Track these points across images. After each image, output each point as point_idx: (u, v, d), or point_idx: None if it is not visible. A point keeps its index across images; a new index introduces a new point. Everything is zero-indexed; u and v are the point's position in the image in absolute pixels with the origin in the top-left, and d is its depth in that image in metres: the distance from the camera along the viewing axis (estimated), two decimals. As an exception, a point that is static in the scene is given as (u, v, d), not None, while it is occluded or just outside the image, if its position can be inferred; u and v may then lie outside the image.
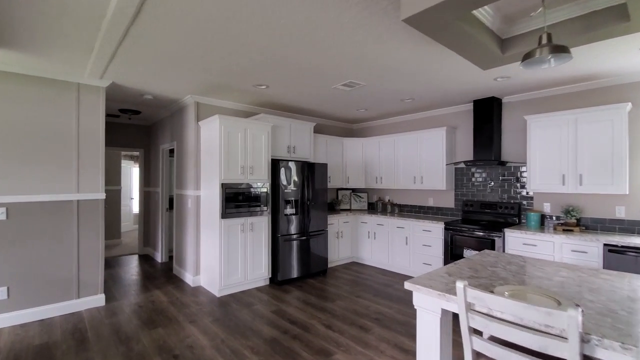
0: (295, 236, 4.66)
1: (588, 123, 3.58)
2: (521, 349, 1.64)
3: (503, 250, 3.90)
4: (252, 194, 4.34)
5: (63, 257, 3.57)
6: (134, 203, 9.60)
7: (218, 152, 4.06)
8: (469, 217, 4.74)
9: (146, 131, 6.41)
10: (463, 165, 4.85)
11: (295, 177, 4.67)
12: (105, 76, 3.61)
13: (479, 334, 2.48)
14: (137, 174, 9.66)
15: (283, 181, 4.53)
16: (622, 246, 3.14)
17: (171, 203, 5.85)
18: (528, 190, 4.03)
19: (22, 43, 2.73)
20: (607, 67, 3.25)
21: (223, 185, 4.07)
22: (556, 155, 3.79)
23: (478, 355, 1.61)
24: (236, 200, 4.18)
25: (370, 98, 4.52)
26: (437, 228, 4.55)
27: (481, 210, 4.62)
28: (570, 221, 3.81)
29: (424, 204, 5.43)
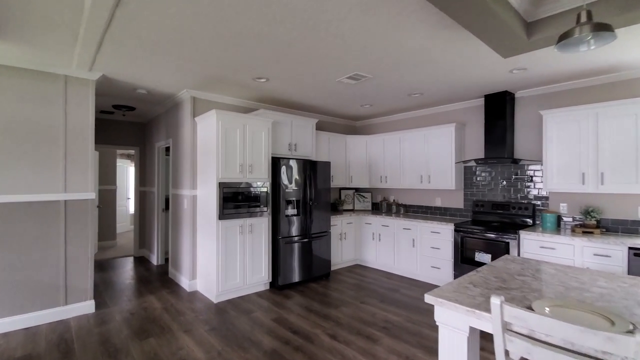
0: (296, 238, 4.43)
1: (610, 118, 3.34)
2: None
3: (518, 253, 3.67)
4: (252, 194, 4.11)
5: (49, 261, 3.33)
6: (131, 203, 9.37)
7: (215, 150, 3.82)
8: (480, 218, 4.51)
9: (142, 128, 6.18)
10: (473, 163, 4.62)
11: (296, 176, 4.43)
12: (94, 68, 3.38)
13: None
14: (134, 173, 9.42)
15: (284, 180, 4.30)
16: (651, 250, 2.91)
17: (167, 203, 5.61)
18: (544, 189, 3.79)
19: None
20: (632, 58, 3.02)
21: (220, 184, 3.84)
22: (575, 152, 3.56)
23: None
24: (234, 200, 3.95)
25: (376, 93, 4.28)
26: (447, 230, 4.32)
27: (492, 210, 4.39)
28: (589, 223, 3.58)
29: (431, 204, 5.20)
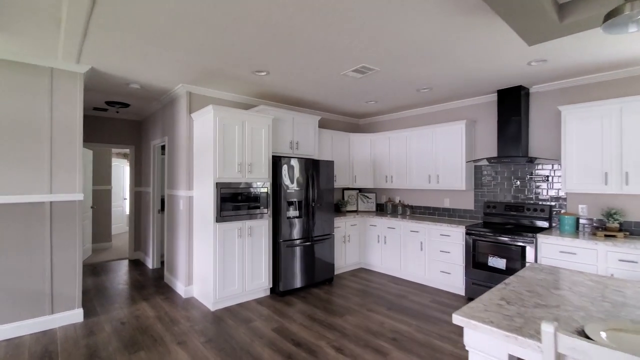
0: (298, 241, 4.19)
1: (635, 113, 3.11)
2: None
3: (535, 259, 3.43)
4: (251, 195, 3.87)
5: (34, 267, 3.10)
6: (127, 204, 9.13)
7: (212, 148, 3.59)
8: (491, 220, 4.28)
9: (137, 126, 5.95)
10: (485, 162, 4.39)
11: (298, 176, 4.20)
12: (82, 60, 3.15)
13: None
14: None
15: (285, 180, 4.07)
16: (685, 256, 2.68)
17: (163, 204, 5.38)
18: (562, 190, 3.55)
19: (-27, 13, 2.27)
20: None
21: (218, 184, 3.61)
22: (597, 150, 3.32)
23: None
24: (233, 201, 3.72)
25: (382, 88, 4.05)
26: (457, 232, 4.09)
27: (505, 212, 4.15)
28: (612, 225, 3.35)
29: (439, 206, 4.96)
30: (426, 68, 3.35)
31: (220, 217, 3.61)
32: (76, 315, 3.31)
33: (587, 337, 1.16)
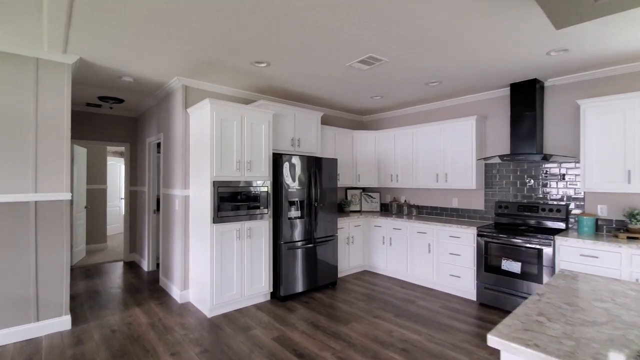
0: (300, 243, 3.98)
1: (662, 107, 2.91)
2: None
3: (553, 262, 3.22)
4: (251, 194, 3.66)
5: (17, 271, 2.89)
6: (123, 204, 8.91)
7: (209, 144, 3.38)
8: (503, 221, 4.06)
9: (132, 123, 5.74)
10: (497, 160, 4.18)
11: (300, 174, 3.99)
12: (69, 49, 2.94)
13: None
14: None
15: (286, 179, 3.86)
16: None
17: (159, 204, 5.17)
18: (581, 189, 3.34)
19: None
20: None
21: (215, 183, 3.40)
22: (619, 147, 3.11)
23: None
24: (231, 201, 3.51)
25: (389, 81, 3.84)
26: (468, 234, 3.88)
27: (518, 212, 3.94)
28: (634, 227, 3.14)
29: (447, 206, 4.75)
30: (437, 59, 3.14)
31: (217, 218, 3.40)
32: (63, 322, 3.10)
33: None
